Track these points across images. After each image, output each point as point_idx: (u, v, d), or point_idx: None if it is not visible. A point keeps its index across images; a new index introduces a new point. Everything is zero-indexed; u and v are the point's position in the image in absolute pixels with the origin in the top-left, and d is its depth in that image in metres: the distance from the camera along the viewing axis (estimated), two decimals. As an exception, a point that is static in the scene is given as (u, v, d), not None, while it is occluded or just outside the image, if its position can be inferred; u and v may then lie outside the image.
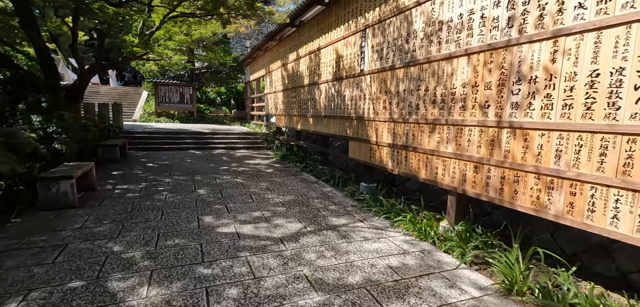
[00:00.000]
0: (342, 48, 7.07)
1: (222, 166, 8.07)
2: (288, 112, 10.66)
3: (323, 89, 8.00)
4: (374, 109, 5.88)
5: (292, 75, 10.26)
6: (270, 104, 13.07)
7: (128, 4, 8.45)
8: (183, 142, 11.08)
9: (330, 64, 7.64)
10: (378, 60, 5.75)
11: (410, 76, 4.94)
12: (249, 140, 12.29)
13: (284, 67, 11.00)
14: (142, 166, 7.75)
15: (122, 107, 11.68)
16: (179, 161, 8.61)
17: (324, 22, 7.92)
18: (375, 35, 5.83)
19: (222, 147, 11.24)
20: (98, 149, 7.76)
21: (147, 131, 11.59)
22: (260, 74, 14.73)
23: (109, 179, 6.33)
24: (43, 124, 5.74)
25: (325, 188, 6.37)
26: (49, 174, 4.41)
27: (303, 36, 9.33)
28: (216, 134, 12.25)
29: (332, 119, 7.60)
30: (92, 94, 19.02)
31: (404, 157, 5.12)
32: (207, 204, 4.95)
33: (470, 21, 3.90)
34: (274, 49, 12.22)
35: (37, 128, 5.62)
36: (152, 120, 17.00)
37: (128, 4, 8.45)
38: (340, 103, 7.13)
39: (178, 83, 17.95)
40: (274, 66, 12.23)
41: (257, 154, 10.39)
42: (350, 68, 6.69)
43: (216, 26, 11.66)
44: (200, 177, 6.72)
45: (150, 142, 10.68)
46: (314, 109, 8.50)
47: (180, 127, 13.96)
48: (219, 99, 20.89)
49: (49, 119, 6.14)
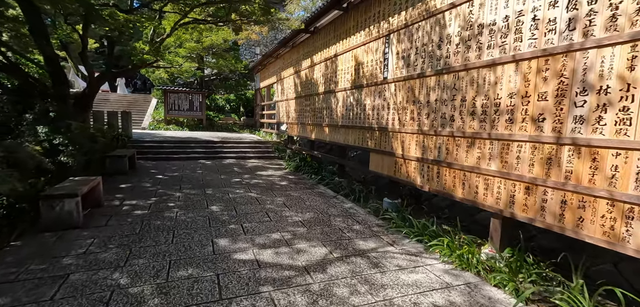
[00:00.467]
0: (362, 55, 6.68)
1: (234, 178, 7.70)
2: (301, 120, 10.29)
3: (340, 98, 7.61)
4: (400, 119, 5.45)
5: (305, 83, 9.90)
6: (281, 112, 12.73)
7: (139, 10, 8.21)
8: (193, 152, 10.77)
9: (348, 71, 7.25)
10: (404, 68, 5.34)
11: (443, 85, 4.51)
12: (260, 149, 11.94)
13: (297, 74, 10.66)
14: (152, 177, 7.42)
15: (131, 116, 11.46)
16: (189, 172, 8.27)
17: (342, 28, 7.56)
18: (401, 40, 5.43)
19: (233, 156, 10.90)
20: (106, 160, 7.47)
21: (157, 140, 11.33)
22: (271, 81, 14.43)
23: (117, 192, 6.00)
24: (49, 135, 5.44)
25: (346, 204, 5.94)
26: (53, 191, 4.07)
27: (318, 42, 8.99)
28: (226, 142, 11.93)
29: (350, 129, 7.19)
30: (102, 102, 18.96)
31: (435, 173, 4.67)
32: (222, 224, 4.56)
33: (518, 24, 3.47)
34: (286, 55, 11.91)
35: (43, 140, 5.32)
36: (162, 128, 16.80)
37: (139, 10, 8.21)
38: (360, 112, 6.72)
39: (187, 90, 17.77)
40: (286, 73, 11.91)
41: (269, 165, 10.01)
42: (372, 76, 6.29)
43: (227, 33, 11.41)
44: (212, 191, 6.35)
45: (159, 152, 10.39)
46: (330, 118, 8.11)
47: (189, 135, 13.70)
48: (228, 107, 20.68)
49: (55, 130, 5.85)
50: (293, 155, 10.54)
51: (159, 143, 11.06)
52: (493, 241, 3.84)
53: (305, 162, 9.23)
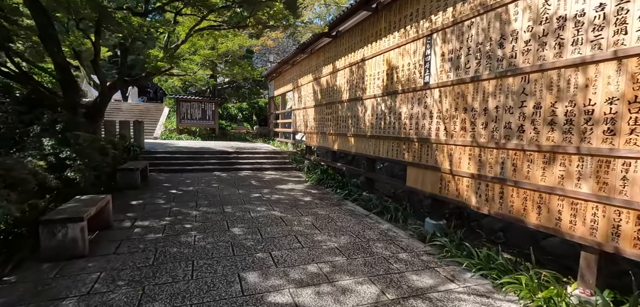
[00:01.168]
0: (395, 58, 6.06)
1: (253, 193, 7.09)
2: (321, 130, 9.68)
3: (369, 105, 6.97)
4: (447, 129, 4.78)
5: (326, 90, 9.31)
6: (298, 121, 12.16)
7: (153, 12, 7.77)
8: (207, 163, 10.24)
9: (378, 76, 6.63)
10: (452, 71, 4.69)
11: (506, 89, 3.84)
12: (276, 160, 11.35)
13: (317, 81, 10.09)
14: (165, 192, 6.87)
15: (143, 125, 11.03)
16: (205, 185, 7.70)
17: (370, 30, 6.96)
18: (448, 40, 4.79)
19: (249, 168, 10.33)
20: (117, 173, 6.96)
21: (169, 151, 10.85)
22: (287, 89, 13.92)
23: (128, 210, 5.44)
24: (55, 148, 4.94)
25: (381, 224, 5.25)
26: (54, 215, 3.50)
27: (341, 47, 8.41)
28: (241, 153, 11.38)
29: (381, 140, 6.53)
30: (114, 111, 18.74)
31: (497, 192, 3.96)
32: (247, 251, 3.92)
33: (620, 13, 2.79)
34: (304, 62, 11.37)
35: (48, 153, 4.81)
36: (174, 137, 16.42)
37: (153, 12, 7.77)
38: (394, 122, 6.06)
39: (200, 99, 17.41)
40: (304, 80, 11.35)
41: (287, 177, 9.40)
42: (409, 81, 5.64)
43: (243, 39, 10.96)
44: (231, 209, 5.75)
45: (172, 164, 9.89)
46: (357, 127, 7.47)
47: (202, 145, 13.22)
48: (241, 115, 20.26)
49: (63, 142, 5.35)
50: (312, 166, 9.91)
51: (172, 154, 10.58)
52: (585, 280, 3.10)
53: (328, 175, 8.58)
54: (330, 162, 9.21)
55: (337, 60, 8.61)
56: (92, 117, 8.69)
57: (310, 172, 9.43)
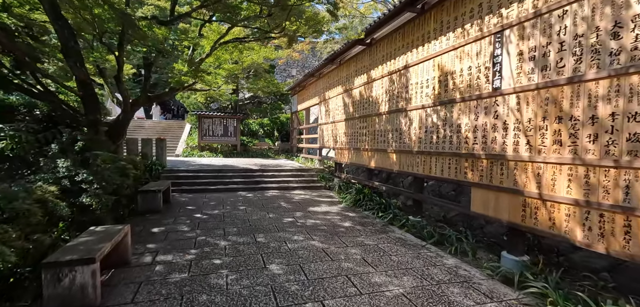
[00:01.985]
0: (450, 62, 5.24)
1: (285, 217, 6.33)
2: (354, 145, 8.89)
3: (415, 117, 6.15)
4: (530, 143, 3.88)
5: (359, 102, 8.56)
6: (325, 136, 11.44)
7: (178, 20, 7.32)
8: (231, 182, 9.61)
9: (427, 84, 5.82)
10: (536, 72, 3.82)
11: (628, 90, 2.94)
12: (304, 178, 10.61)
13: (348, 92, 9.37)
14: (189, 217, 6.22)
15: (166, 143, 10.61)
16: (231, 208, 7.01)
17: (415, 34, 6.20)
18: (527, 36, 3.94)
19: (275, 187, 9.62)
20: (138, 195, 6.39)
21: (192, 169, 10.33)
22: (312, 102, 13.29)
23: (149, 240, 4.78)
24: (70, 171, 4.37)
25: (446, 259, 4.33)
26: (61, 255, 2.84)
27: (377, 55, 7.68)
28: (266, 171, 10.72)
29: (432, 156, 5.66)
30: (137, 129, 18.71)
31: (620, 226, 3.01)
32: (293, 300, 3.12)
33: None
34: (332, 73, 10.72)
35: (62, 176, 4.25)
36: (195, 154, 16.05)
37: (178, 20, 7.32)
38: (451, 135, 5.20)
39: (222, 115, 17.07)
40: (332, 93, 10.67)
41: (318, 197, 8.60)
42: (471, 87, 4.80)
43: (269, 51, 10.47)
44: (264, 238, 4.99)
45: (195, 183, 9.32)
46: (400, 142, 6.63)
47: (225, 163, 12.69)
48: (262, 131, 19.81)
49: (80, 163, 4.80)
50: (345, 185, 9.08)
51: (195, 173, 10.04)
52: None
53: (364, 195, 7.73)
54: (366, 180, 8.36)
55: (373, 69, 7.87)
56: (113, 135, 8.28)
57: (344, 192, 8.60)
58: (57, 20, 6.67)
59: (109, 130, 8.38)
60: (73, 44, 6.85)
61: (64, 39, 6.74)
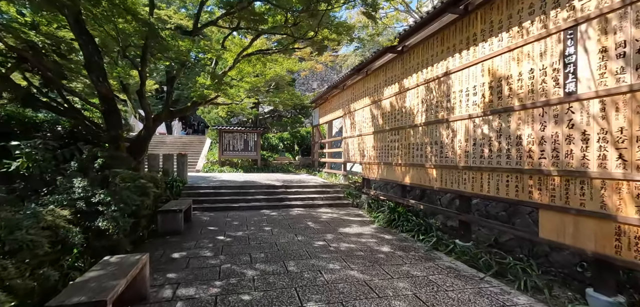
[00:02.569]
0: (505, 65, 4.61)
1: (316, 240, 5.75)
2: (384, 159, 8.26)
3: (460, 128, 5.49)
4: (623, 157, 3.17)
5: (390, 113, 7.97)
6: (351, 150, 10.86)
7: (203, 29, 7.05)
8: (254, 200, 9.15)
9: (474, 91, 5.18)
10: (626, 72, 3.14)
11: None
12: (329, 195, 10.03)
13: (376, 104, 8.81)
14: (211, 240, 5.74)
15: (187, 159, 10.34)
16: (255, 229, 6.50)
17: (457, 37, 5.61)
18: (611, 30, 3.28)
19: (300, 205, 9.08)
20: (157, 216, 6.00)
21: (213, 186, 9.97)
22: (335, 115, 12.80)
23: (169, 268, 4.31)
24: (87, 191, 4.00)
25: (517, 297, 3.61)
26: (65, 298, 2.37)
27: (411, 62, 7.11)
28: (289, 187, 10.22)
29: (483, 172, 4.96)
30: (158, 144, 18.79)
31: None
32: (342, 355, 2.51)
33: None
34: (358, 85, 10.21)
35: (78, 198, 3.88)
36: (216, 169, 15.82)
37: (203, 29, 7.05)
38: (508, 148, 4.52)
39: (242, 129, 16.85)
40: (358, 105, 10.14)
41: (346, 216, 7.98)
42: (534, 92, 4.14)
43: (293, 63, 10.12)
44: (295, 267, 4.42)
45: (216, 200, 8.92)
46: (441, 156, 5.97)
47: (246, 178, 12.31)
48: (282, 145, 19.46)
49: (99, 182, 4.44)
50: (374, 203, 8.43)
51: (216, 189, 9.66)
52: None
53: (398, 214, 7.05)
54: (399, 198, 7.68)
55: (405, 78, 7.30)
56: (135, 151, 8.04)
57: (375, 211, 7.94)
58: (82, 35, 6.54)
59: (130, 146, 8.16)
60: (96, 58, 6.69)
61: (88, 53, 6.59)
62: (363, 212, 8.45)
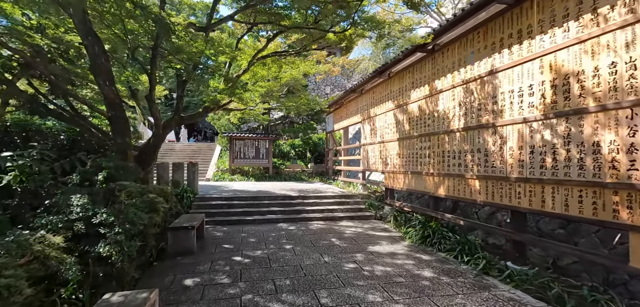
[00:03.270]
0: (573, 60, 3.91)
1: (345, 261, 5.07)
2: (412, 168, 7.56)
3: (511, 134, 4.79)
4: None
5: (419, 118, 7.29)
6: (371, 158, 10.18)
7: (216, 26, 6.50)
8: (269, 212, 8.52)
9: (530, 91, 4.48)
10: None
11: None
12: (349, 206, 9.34)
13: (401, 108, 8.14)
14: (227, 261, 5.11)
15: (198, 167, 9.78)
16: (275, 247, 5.85)
17: (505, 30, 4.94)
18: None
19: (319, 217, 8.41)
20: (167, 233, 5.40)
21: (225, 196, 9.37)
22: (351, 121, 12.15)
23: (180, 301, 3.68)
24: (87, 209, 3.42)
25: (612, 346, 2.87)
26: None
27: (444, 62, 6.45)
28: (306, 198, 9.57)
29: (546, 185, 4.24)
30: (168, 152, 18.37)
31: None
32: None
33: None
34: (380, 88, 9.56)
35: (76, 218, 3.29)
36: (227, 178, 15.27)
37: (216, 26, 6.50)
38: (580, 157, 3.80)
39: (254, 136, 16.31)
40: (379, 109, 9.48)
41: (372, 230, 7.28)
42: (617, 90, 3.45)
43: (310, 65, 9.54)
44: (329, 299, 3.75)
45: (230, 213, 8.31)
46: (485, 165, 5.26)
47: (259, 188, 11.71)
48: (293, 152, 18.86)
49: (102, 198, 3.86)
50: (401, 216, 7.72)
51: (228, 200, 9.06)
52: None
53: (431, 230, 6.32)
54: (431, 211, 6.95)
55: (438, 79, 6.63)
56: (144, 160, 7.51)
57: (404, 225, 7.23)
58: (87, 36, 6.04)
59: (139, 155, 7.63)
60: (103, 60, 6.18)
61: (93, 55, 6.09)
62: (389, 226, 7.74)
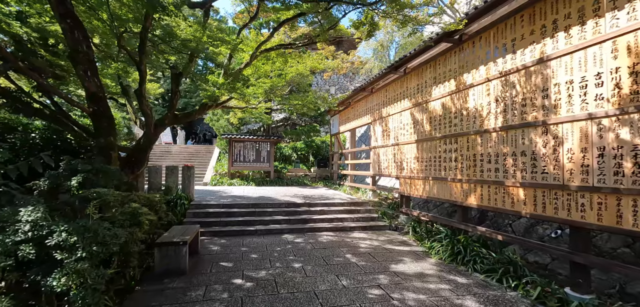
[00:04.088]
0: (666, 37, 3.09)
1: (368, 286, 4.21)
2: (433, 173, 6.73)
3: (571, 134, 3.96)
4: None
5: (442, 117, 6.48)
6: (383, 162, 9.35)
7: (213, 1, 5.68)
8: (272, 221, 7.66)
9: (600, 81, 3.66)
10: None
11: None
12: (360, 214, 8.49)
13: (420, 107, 7.33)
14: (226, 286, 4.24)
15: (193, 171, 8.93)
16: (282, 267, 4.99)
17: (561, 10, 4.13)
18: None
19: (328, 227, 7.55)
20: (154, 249, 4.53)
21: (223, 203, 8.52)
22: (360, 122, 11.33)
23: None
24: (41, 227, 2.57)
25: None
26: None
27: (474, 52, 5.65)
28: (312, 205, 8.72)
29: (623, 197, 3.41)
30: (163, 155, 17.49)
31: None
32: None
33: None
34: (394, 85, 8.75)
35: (23, 239, 2.44)
36: (225, 182, 14.40)
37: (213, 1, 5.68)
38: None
39: (255, 138, 15.46)
40: (394, 109, 8.66)
41: (389, 244, 6.44)
42: None
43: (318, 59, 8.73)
44: (357, 343, 2.88)
45: (229, 222, 7.45)
46: (533, 171, 4.43)
47: (261, 193, 10.86)
48: (295, 156, 18.01)
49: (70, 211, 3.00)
50: (421, 227, 6.87)
51: (227, 207, 8.21)
52: None
53: (461, 244, 5.48)
54: (458, 222, 6.11)
55: (467, 72, 5.82)
56: (133, 163, 6.67)
57: (426, 239, 6.38)
58: (65, 18, 5.22)
59: (127, 157, 6.79)
60: (84, 47, 5.35)
61: (73, 41, 5.25)
62: (408, 238, 6.89)
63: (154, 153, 17.61)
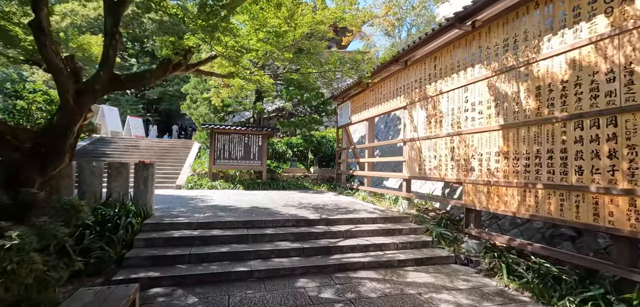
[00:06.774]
0: None
1: None
2: (546, 177, 4.08)
3: None
4: None
5: (570, 86, 3.85)
6: (427, 159, 6.67)
7: None
8: (275, 252, 4.82)
9: None
10: None
11: None
12: (402, 235, 5.78)
13: (510, 74, 4.69)
14: None
15: (153, 172, 5.95)
16: None
17: None
18: None
19: (366, 263, 4.77)
20: None
21: (199, 220, 5.61)
22: (386, 108, 8.62)
23: None
24: None
25: None
26: None
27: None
28: (332, 222, 5.94)
29: None
30: (128, 150, 14.25)
31: None
32: None
33: None
34: (449, 50, 6.07)
35: None
36: (205, 185, 11.40)
37: None
38: None
39: (243, 130, 12.51)
40: (451, 83, 6.00)
41: (480, 298, 3.73)
42: None
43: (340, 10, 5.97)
44: None
45: (205, 258, 4.55)
46: None
47: (253, 202, 8.00)
48: (290, 152, 15.14)
49: None
50: (502, 256, 4.21)
51: (204, 228, 5.32)
52: None
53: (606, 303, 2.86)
54: (619, 267, 3.47)
55: None
56: (42, 156, 3.76)
57: (546, 292, 3.70)
58: None
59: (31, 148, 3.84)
60: None
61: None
62: (501, 284, 4.19)
63: (116, 148, 14.32)
